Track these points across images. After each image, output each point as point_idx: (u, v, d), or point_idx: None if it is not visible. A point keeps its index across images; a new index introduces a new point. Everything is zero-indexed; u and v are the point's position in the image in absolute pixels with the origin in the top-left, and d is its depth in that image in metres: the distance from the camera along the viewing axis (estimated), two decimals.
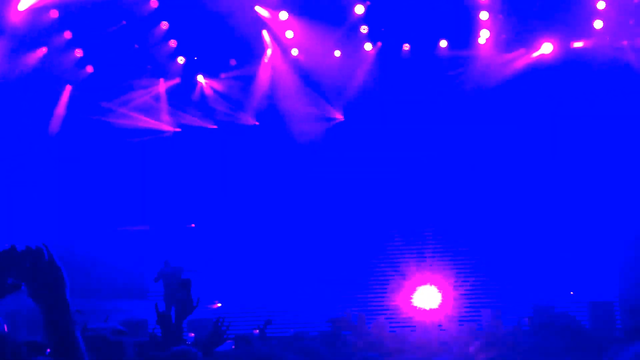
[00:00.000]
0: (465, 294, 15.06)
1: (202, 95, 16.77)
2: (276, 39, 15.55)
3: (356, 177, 16.23)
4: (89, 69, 16.13)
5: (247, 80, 16.40)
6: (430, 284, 14.85)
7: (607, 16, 14.60)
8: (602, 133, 15.34)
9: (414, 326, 13.58)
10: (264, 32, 15.44)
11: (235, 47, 15.64)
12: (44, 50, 15.19)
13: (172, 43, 15.75)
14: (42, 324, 2.11)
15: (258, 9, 14.76)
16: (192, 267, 14.54)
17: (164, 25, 15.29)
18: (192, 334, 13.02)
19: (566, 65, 15.34)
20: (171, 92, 16.74)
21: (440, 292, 14.78)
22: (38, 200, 15.47)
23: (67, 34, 15.25)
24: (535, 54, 15.54)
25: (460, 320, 13.68)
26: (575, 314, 12.17)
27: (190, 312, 5.12)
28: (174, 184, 16.64)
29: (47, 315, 2.12)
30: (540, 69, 15.43)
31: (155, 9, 14.85)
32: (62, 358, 2.10)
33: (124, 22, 14.78)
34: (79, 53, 15.66)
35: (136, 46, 15.47)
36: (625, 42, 14.82)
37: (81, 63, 15.95)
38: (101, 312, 11.14)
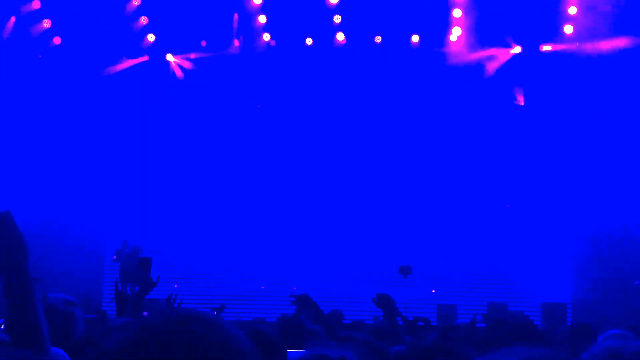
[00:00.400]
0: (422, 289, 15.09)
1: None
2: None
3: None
4: (57, 40, 15.92)
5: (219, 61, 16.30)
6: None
7: (578, 21, 14.83)
8: (561, 131, 15.60)
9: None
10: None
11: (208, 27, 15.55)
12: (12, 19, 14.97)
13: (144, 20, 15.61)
14: (2, 292, 2.09)
15: None
16: (153, 247, 14.42)
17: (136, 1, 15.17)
18: (146, 313, 12.92)
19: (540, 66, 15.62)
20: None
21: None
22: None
23: (36, 4, 15.04)
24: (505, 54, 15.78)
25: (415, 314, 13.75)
26: (528, 314, 12.34)
27: (149, 290, 5.06)
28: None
29: (6, 283, 2.10)
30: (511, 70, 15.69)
31: None
32: (22, 326, 2.08)
33: None
34: (47, 24, 15.45)
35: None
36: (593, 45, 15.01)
37: (49, 34, 15.74)
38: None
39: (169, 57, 16.49)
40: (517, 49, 15.73)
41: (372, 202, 15.90)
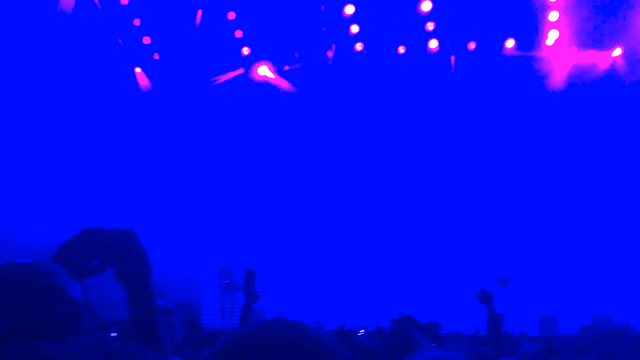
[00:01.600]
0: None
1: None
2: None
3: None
4: (156, 56, 16.41)
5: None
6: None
7: None
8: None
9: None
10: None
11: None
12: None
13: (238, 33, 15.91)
14: (128, 304, 2.16)
15: None
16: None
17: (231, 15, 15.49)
18: None
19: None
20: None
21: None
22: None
23: (137, 21, 15.55)
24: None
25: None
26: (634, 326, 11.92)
27: (255, 302, 5.16)
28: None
29: (132, 296, 2.17)
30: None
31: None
32: (145, 337, 2.14)
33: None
34: (147, 40, 15.95)
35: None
36: None
37: (150, 49, 16.24)
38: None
39: (263, 69, 16.70)
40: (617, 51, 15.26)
41: (464, 210, 15.73)
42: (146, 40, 15.90)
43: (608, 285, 14.78)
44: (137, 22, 15.49)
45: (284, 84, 16.55)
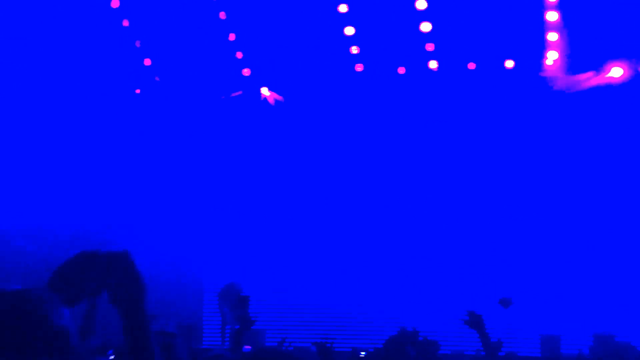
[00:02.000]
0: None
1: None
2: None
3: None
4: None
5: None
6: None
7: None
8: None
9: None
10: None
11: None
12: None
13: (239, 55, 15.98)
14: (121, 329, 2.16)
15: None
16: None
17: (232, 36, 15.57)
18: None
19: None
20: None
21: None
22: None
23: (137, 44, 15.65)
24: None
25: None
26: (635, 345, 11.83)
27: (249, 327, 5.15)
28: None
29: (125, 320, 2.17)
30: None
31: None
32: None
33: None
34: (147, 62, 16.03)
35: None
36: None
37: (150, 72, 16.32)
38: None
39: (264, 90, 16.77)
40: (615, 72, 15.29)
41: (465, 224, 15.72)
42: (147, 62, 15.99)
43: (611, 305, 14.72)
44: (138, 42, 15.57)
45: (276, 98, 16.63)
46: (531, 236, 15.41)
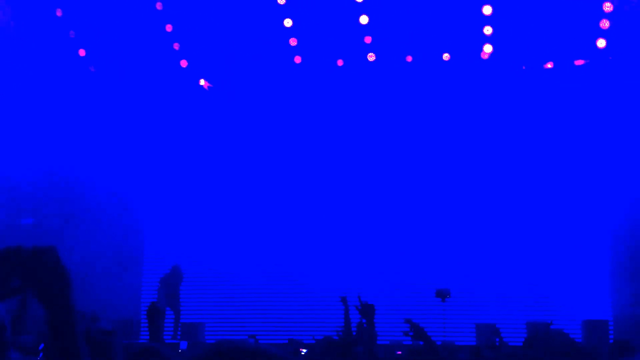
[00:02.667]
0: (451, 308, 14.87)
1: None
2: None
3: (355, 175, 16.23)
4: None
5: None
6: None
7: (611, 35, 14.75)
8: (597, 140, 15.56)
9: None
10: None
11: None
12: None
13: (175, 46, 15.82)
14: (47, 327, 2.10)
15: None
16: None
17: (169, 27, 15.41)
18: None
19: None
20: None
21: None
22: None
23: (71, 33, 15.34)
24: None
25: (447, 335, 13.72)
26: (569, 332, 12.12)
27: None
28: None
29: (51, 318, 2.11)
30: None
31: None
32: (63, 357, 2.08)
33: None
34: (82, 53, 15.73)
35: None
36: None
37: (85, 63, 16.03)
38: None
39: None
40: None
41: (407, 222, 15.82)
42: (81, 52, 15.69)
43: (546, 293, 15.06)
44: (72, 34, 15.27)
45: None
46: (466, 228, 15.64)
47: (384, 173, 16.13)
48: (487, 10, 14.79)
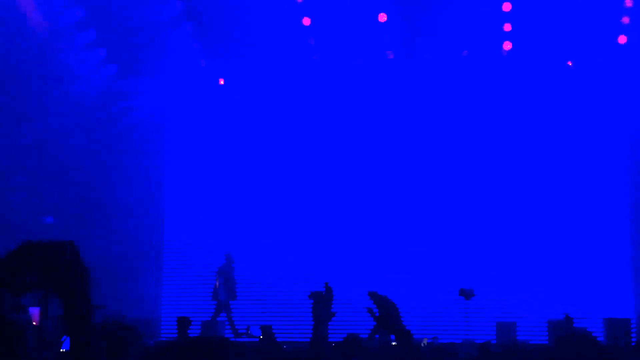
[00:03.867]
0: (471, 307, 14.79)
1: None
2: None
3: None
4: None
5: None
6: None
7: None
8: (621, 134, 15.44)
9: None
10: None
11: None
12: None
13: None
14: (65, 318, 2.11)
15: None
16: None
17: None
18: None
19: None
20: None
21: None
22: None
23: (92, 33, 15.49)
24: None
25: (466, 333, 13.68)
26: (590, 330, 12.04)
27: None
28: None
29: (68, 311, 2.12)
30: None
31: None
32: (79, 351, 2.10)
33: None
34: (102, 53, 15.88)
35: None
36: None
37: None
38: None
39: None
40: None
41: (430, 221, 15.75)
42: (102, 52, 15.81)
43: (568, 292, 14.95)
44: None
45: None
46: (487, 227, 15.55)
47: (408, 172, 16.06)
48: (506, 7, 14.72)
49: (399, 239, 15.76)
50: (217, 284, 14.86)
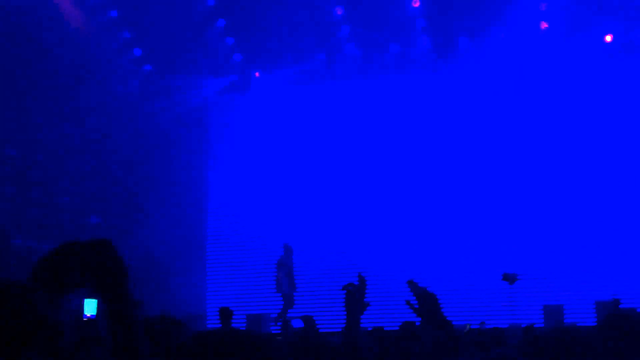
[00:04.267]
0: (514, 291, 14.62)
1: None
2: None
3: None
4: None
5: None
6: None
7: None
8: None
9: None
10: None
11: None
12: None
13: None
14: (106, 316, 2.13)
15: None
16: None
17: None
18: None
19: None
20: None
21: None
22: None
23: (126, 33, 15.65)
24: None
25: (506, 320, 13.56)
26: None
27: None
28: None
29: (110, 307, 2.14)
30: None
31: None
32: (125, 348, 2.11)
33: None
34: (137, 52, 16.04)
35: None
36: None
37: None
38: None
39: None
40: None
41: (475, 205, 15.66)
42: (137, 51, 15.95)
43: (614, 274, 14.72)
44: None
45: None
46: (531, 210, 15.39)
47: (452, 161, 15.99)
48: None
49: (442, 226, 15.66)
50: (280, 276, 14.60)
